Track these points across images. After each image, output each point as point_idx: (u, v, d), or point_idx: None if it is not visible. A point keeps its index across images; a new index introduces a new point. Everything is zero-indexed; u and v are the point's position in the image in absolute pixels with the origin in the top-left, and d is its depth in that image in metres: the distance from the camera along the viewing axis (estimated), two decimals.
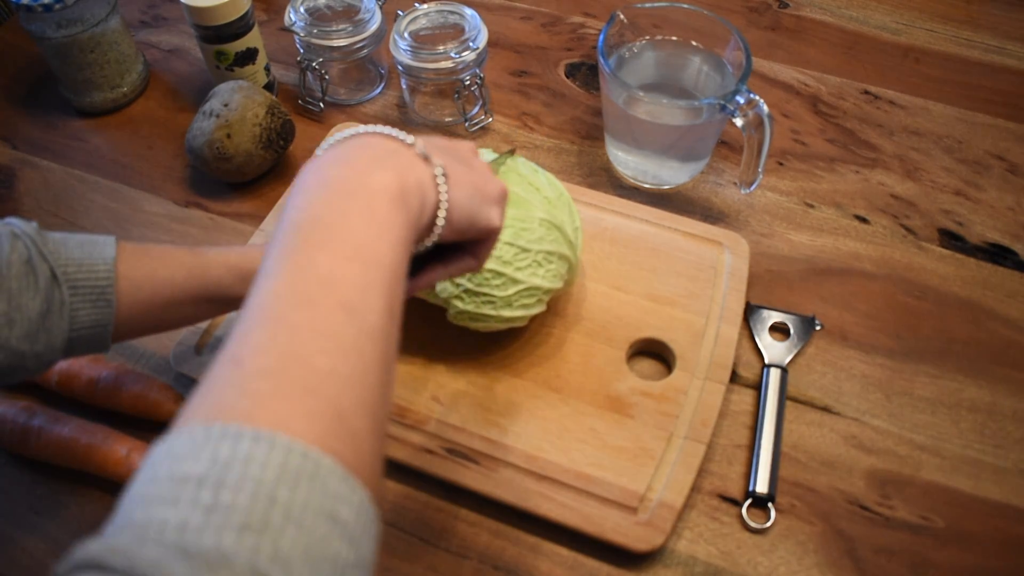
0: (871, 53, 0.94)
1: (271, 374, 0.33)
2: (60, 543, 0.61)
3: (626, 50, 0.80)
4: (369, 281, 0.36)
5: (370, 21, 0.84)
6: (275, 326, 0.34)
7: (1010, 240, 0.77)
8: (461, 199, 0.43)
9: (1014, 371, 0.69)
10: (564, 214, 0.65)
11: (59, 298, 0.52)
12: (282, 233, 0.37)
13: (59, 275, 0.52)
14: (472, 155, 0.48)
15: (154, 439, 0.34)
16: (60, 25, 0.81)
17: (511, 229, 0.61)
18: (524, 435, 0.63)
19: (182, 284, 0.57)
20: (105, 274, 0.53)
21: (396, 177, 0.39)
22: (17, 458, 0.65)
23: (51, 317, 0.51)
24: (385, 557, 0.60)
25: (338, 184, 0.38)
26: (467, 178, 0.44)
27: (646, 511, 0.60)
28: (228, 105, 0.78)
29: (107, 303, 0.54)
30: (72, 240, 0.54)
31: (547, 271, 0.63)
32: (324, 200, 0.38)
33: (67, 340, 0.53)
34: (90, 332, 0.54)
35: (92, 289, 0.53)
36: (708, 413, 0.64)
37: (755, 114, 0.69)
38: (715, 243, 0.74)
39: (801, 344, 0.70)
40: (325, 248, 0.36)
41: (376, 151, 0.40)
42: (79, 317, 0.53)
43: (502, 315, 0.62)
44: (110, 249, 0.55)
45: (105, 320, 0.54)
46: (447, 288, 0.62)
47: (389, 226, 0.38)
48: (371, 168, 0.39)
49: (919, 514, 0.62)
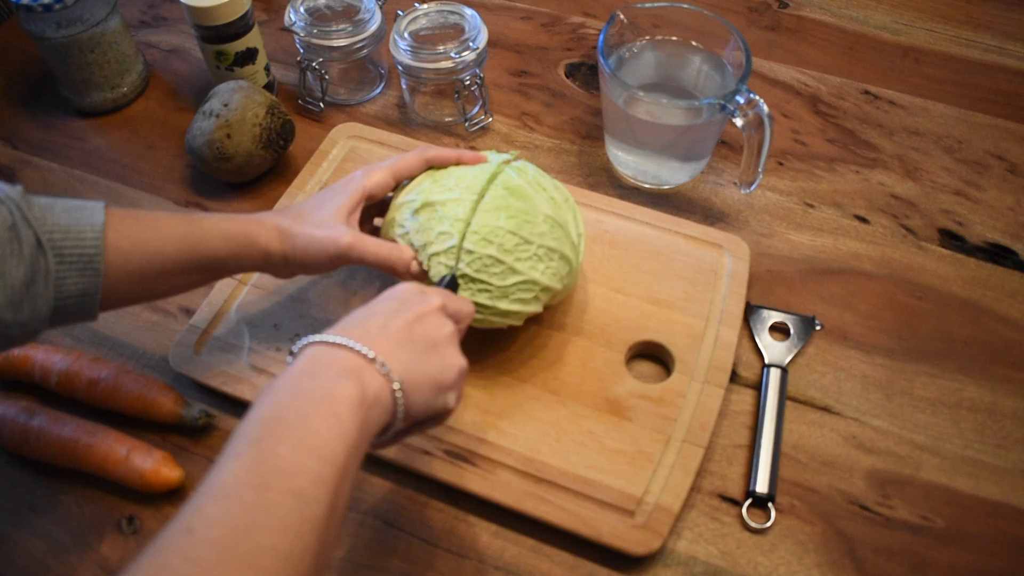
0: (871, 53, 0.94)
1: (218, 545, 0.37)
2: (60, 543, 0.61)
3: (626, 50, 0.80)
4: (322, 476, 0.40)
5: (370, 21, 0.84)
6: (229, 503, 0.38)
7: (1010, 240, 0.77)
8: (417, 402, 0.48)
9: (1014, 371, 0.69)
10: (569, 216, 0.65)
11: (44, 266, 0.50)
12: (249, 424, 0.42)
13: (44, 242, 0.50)
14: (441, 334, 0.51)
15: (153, 439, 0.34)
16: (60, 25, 0.81)
17: (515, 219, 0.61)
18: (522, 437, 0.63)
19: (174, 255, 0.56)
20: (93, 242, 0.52)
21: (358, 389, 0.44)
22: (17, 458, 0.65)
23: (36, 286, 0.50)
24: (385, 557, 0.60)
25: (306, 392, 0.43)
26: (425, 378, 0.48)
27: (643, 514, 0.60)
28: (228, 105, 0.78)
29: (95, 272, 0.52)
30: (59, 205, 0.52)
31: (547, 267, 0.62)
32: (292, 403, 0.43)
33: (52, 309, 0.51)
34: (77, 301, 0.52)
35: (79, 257, 0.51)
36: (706, 416, 0.64)
37: (755, 114, 0.69)
38: (715, 246, 0.74)
39: (801, 344, 0.70)
40: (287, 441, 0.41)
41: (343, 365, 0.45)
42: (65, 286, 0.51)
43: (498, 306, 0.62)
44: (99, 215, 0.53)
45: (92, 289, 0.52)
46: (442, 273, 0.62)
47: (348, 429, 0.42)
48: (337, 380, 0.44)
49: (919, 514, 0.62)
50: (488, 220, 0.60)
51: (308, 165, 0.81)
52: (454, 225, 0.61)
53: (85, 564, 0.60)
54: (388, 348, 0.47)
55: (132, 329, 0.73)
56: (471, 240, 0.60)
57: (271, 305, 0.71)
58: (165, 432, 0.66)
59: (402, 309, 0.50)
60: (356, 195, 0.62)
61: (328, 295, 0.72)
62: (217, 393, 0.67)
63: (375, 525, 0.62)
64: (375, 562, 0.60)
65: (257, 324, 0.70)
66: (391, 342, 0.48)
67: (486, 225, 0.60)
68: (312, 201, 0.63)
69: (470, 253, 0.60)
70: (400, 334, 0.49)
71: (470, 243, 0.60)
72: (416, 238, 0.62)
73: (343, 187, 0.63)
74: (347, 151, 0.82)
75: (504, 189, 0.62)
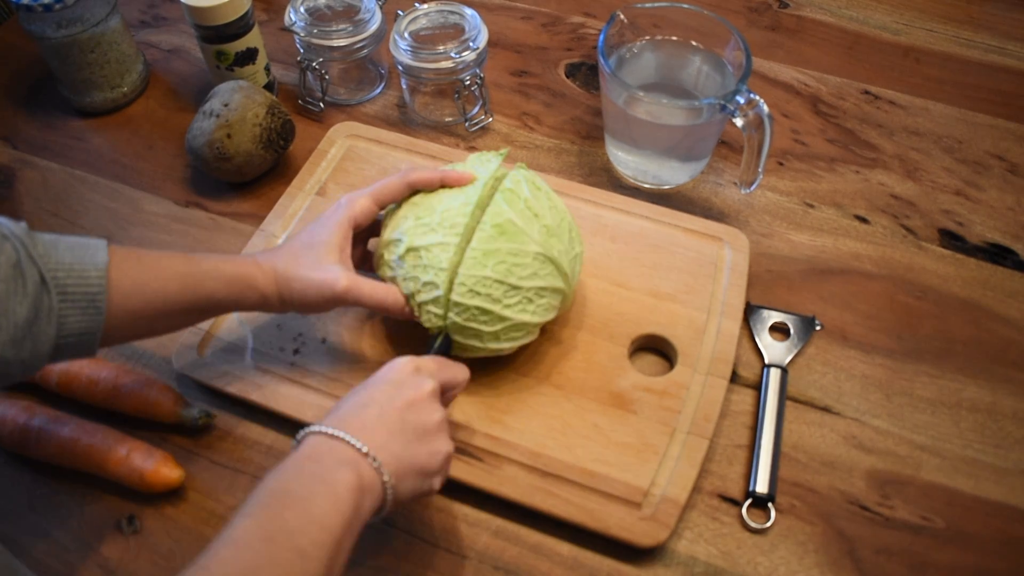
0: (871, 53, 0.94)
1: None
2: (60, 543, 0.61)
3: (626, 50, 0.80)
4: (321, 541, 0.46)
5: (370, 21, 0.84)
6: (240, 550, 0.44)
7: (1010, 240, 0.77)
8: (405, 489, 0.52)
9: (1014, 371, 0.69)
10: (563, 243, 0.63)
11: (47, 304, 0.50)
12: (259, 492, 0.47)
13: (48, 280, 0.50)
14: (432, 421, 0.54)
15: (153, 439, 0.34)
16: (60, 25, 0.81)
17: (503, 265, 0.60)
18: (528, 432, 0.64)
19: (175, 297, 0.56)
20: (97, 281, 0.52)
21: (355, 477, 0.49)
22: (17, 458, 0.65)
23: (39, 324, 0.50)
24: (385, 557, 0.60)
25: (310, 474, 0.48)
26: (414, 467, 0.52)
27: (650, 506, 0.60)
28: (228, 105, 0.78)
29: (97, 311, 0.52)
30: (63, 243, 0.52)
31: (537, 306, 0.62)
32: (297, 480, 0.48)
33: (54, 347, 0.51)
34: (78, 339, 0.52)
35: (83, 296, 0.51)
36: (710, 408, 0.64)
37: (755, 114, 0.69)
38: (715, 238, 0.74)
39: (801, 344, 0.70)
40: (292, 509, 0.46)
41: (341, 456, 0.49)
42: (67, 324, 0.51)
43: (489, 347, 0.62)
44: (102, 255, 0.53)
45: (94, 328, 0.52)
46: (432, 320, 0.62)
47: (345, 508, 0.47)
48: (336, 467, 0.49)
49: (919, 514, 0.62)
50: (475, 271, 0.59)
51: (307, 165, 0.81)
52: (439, 275, 0.60)
53: (85, 564, 0.60)
54: (381, 440, 0.51)
55: None
56: (458, 292, 0.60)
57: None
58: (165, 432, 0.66)
59: (396, 396, 0.53)
60: (343, 228, 0.63)
61: None
62: (217, 393, 0.67)
63: (375, 525, 0.62)
64: (375, 562, 0.60)
65: (260, 324, 0.70)
66: (384, 433, 0.52)
67: (472, 276, 0.59)
68: (303, 238, 0.63)
69: (458, 305, 0.60)
70: (393, 424, 0.52)
71: (457, 295, 0.60)
72: (404, 285, 0.62)
73: (329, 220, 0.63)
74: (345, 150, 0.82)
75: (492, 228, 0.60)
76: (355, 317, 0.70)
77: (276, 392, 0.66)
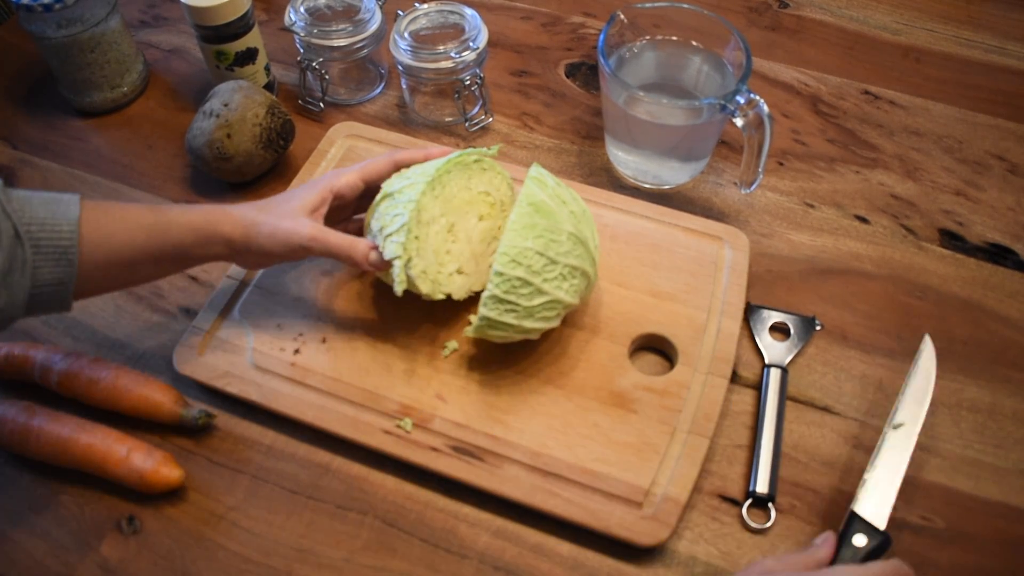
0: (871, 53, 0.94)
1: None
2: (60, 543, 0.61)
3: (626, 50, 0.80)
4: None
5: (370, 21, 0.84)
6: None
7: (1010, 240, 0.77)
8: None
9: (1014, 371, 0.69)
10: (588, 231, 0.65)
11: (22, 257, 0.53)
12: None
13: (23, 234, 0.53)
14: None
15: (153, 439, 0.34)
16: (60, 25, 0.81)
17: (542, 239, 0.61)
18: (528, 432, 0.64)
19: (142, 245, 0.59)
20: (68, 234, 0.54)
21: None
22: (17, 458, 0.65)
23: (13, 275, 0.52)
24: (385, 557, 0.60)
25: None
26: None
27: (651, 505, 0.60)
28: (228, 105, 0.78)
29: (69, 263, 0.55)
30: (36, 198, 0.55)
31: (570, 286, 0.63)
32: None
33: (29, 296, 0.54)
34: (52, 290, 0.55)
35: (55, 249, 0.54)
36: (711, 407, 0.64)
37: (755, 114, 0.69)
38: (715, 238, 0.74)
39: (801, 344, 0.70)
40: None
41: None
42: (41, 275, 0.54)
43: (522, 325, 0.62)
44: (74, 209, 0.55)
45: (67, 279, 0.55)
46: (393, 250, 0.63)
47: None
48: None
49: (919, 514, 0.62)
50: (517, 241, 0.60)
51: (307, 164, 0.81)
52: (407, 207, 0.63)
53: (85, 564, 0.60)
54: None
55: (132, 329, 0.73)
56: (500, 262, 0.60)
57: (274, 305, 0.71)
58: (165, 432, 0.66)
59: None
60: (323, 192, 0.66)
61: (330, 295, 0.72)
62: (217, 393, 0.67)
63: (375, 525, 0.62)
64: (375, 562, 0.60)
65: (260, 324, 0.70)
66: None
67: (515, 246, 0.60)
68: (281, 196, 0.67)
69: (500, 275, 0.60)
70: None
71: (499, 265, 0.60)
72: (377, 224, 0.65)
73: (312, 185, 0.66)
74: (345, 150, 0.82)
75: (529, 205, 0.62)
76: (355, 317, 0.70)
77: (276, 392, 0.66)
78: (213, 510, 0.63)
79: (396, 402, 0.65)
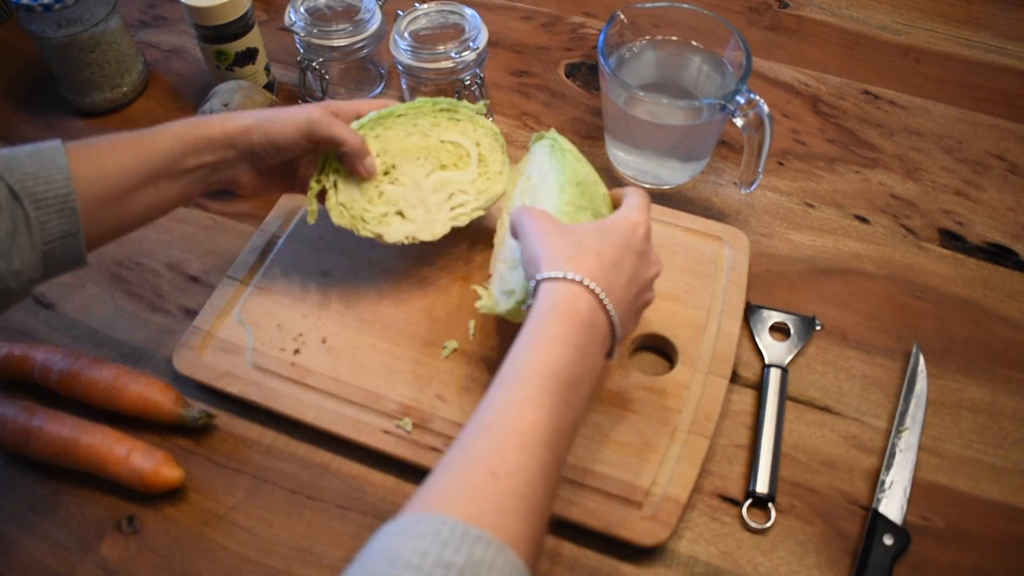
0: (871, 53, 0.94)
1: (521, 499, 0.43)
2: (60, 543, 0.61)
3: (626, 50, 0.80)
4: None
5: (370, 21, 0.84)
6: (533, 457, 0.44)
7: (1010, 240, 0.77)
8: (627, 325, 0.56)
9: (1014, 371, 0.69)
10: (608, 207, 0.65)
11: (23, 214, 0.52)
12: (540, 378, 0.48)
13: (19, 192, 0.52)
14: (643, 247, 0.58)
15: (153, 439, 0.33)
16: (60, 25, 0.81)
17: (586, 196, 0.62)
18: None
19: (133, 167, 0.58)
20: (63, 183, 0.54)
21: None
22: (17, 458, 0.65)
23: (19, 235, 0.52)
24: None
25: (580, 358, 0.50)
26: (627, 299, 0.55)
27: (651, 505, 0.60)
28: (228, 105, 0.78)
29: (72, 211, 0.54)
30: (21, 153, 0.54)
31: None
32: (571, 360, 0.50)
33: (42, 253, 0.54)
34: (63, 243, 0.55)
35: (55, 200, 0.54)
36: (711, 407, 0.64)
37: (755, 114, 0.69)
38: (715, 238, 0.74)
39: (801, 344, 0.70)
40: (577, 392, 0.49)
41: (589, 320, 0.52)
42: (48, 229, 0.54)
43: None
44: (61, 156, 0.55)
45: (74, 228, 0.55)
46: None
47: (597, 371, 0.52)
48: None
49: (919, 514, 0.62)
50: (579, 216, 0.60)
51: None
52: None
53: (85, 564, 0.60)
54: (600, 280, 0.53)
55: (132, 329, 0.73)
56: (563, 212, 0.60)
57: (273, 305, 0.71)
58: (165, 432, 0.66)
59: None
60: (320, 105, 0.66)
61: (330, 295, 0.72)
62: (217, 393, 0.67)
63: (375, 525, 0.62)
64: None
65: (260, 325, 0.70)
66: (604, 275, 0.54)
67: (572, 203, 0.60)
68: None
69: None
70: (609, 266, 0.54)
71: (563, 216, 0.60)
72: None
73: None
74: None
75: (576, 185, 0.62)
76: (355, 317, 0.70)
77: (276, 392, 0.66)
78: (213, 510, 0.63)
79: (396, 402, 0.65)
